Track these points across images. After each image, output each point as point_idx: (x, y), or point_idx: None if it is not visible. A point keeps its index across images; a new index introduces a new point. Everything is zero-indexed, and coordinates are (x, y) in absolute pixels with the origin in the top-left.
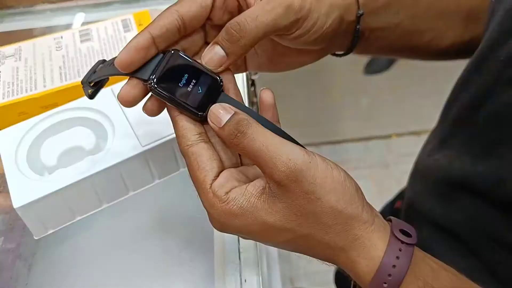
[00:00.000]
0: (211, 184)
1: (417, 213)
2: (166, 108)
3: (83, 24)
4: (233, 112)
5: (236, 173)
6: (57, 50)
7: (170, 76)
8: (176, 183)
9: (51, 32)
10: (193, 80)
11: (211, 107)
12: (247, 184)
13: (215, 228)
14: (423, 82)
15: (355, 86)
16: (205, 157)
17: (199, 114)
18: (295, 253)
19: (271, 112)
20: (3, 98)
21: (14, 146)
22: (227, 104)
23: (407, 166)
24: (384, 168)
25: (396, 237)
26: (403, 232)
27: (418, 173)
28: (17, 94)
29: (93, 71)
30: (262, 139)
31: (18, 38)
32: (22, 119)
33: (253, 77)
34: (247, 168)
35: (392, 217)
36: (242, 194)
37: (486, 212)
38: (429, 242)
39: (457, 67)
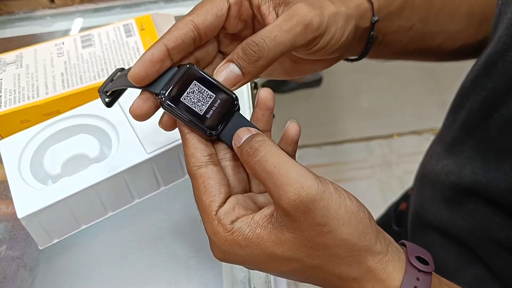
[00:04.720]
0: (217, 210)
1: (424, 219)
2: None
3: (82, 29)
4: (255, 133)
5: (244, 200)
6: (58, 56)
7: (182, 91)
8: (182, 189)
9: (51, 37)
10: None
11: (237, 130)
12: (254, 214)
13: (216, 257)
14: (423, 81)
15: (356, 86)
16: (213, 180)
17: (211, 133)
18: None
19: (291, 148)
20: (5, 106)
21: (17, 155)
22: (254, 129)
23: (409, 166)
24: (386, 168)
25: (412, 265)
26: (419, 259)
27: (425, 178)
28: (19, 101)
29: (110, 79)
30: (274, 160)
31: (18, 44)
32: (25, 127)
33: (256, 79)
34: (256, 195)
35: (406, 242)
36: (248, 224)
37: (496, 219)
38: (436, 249)
39: (458, 66)
